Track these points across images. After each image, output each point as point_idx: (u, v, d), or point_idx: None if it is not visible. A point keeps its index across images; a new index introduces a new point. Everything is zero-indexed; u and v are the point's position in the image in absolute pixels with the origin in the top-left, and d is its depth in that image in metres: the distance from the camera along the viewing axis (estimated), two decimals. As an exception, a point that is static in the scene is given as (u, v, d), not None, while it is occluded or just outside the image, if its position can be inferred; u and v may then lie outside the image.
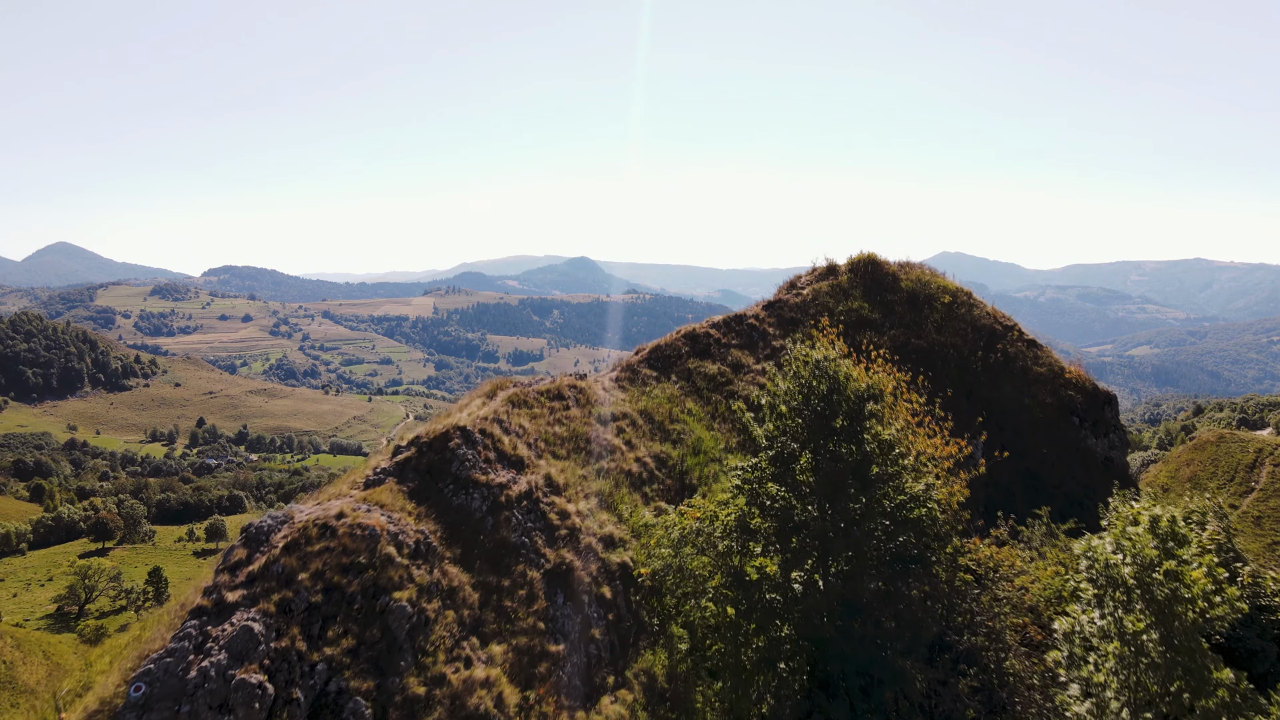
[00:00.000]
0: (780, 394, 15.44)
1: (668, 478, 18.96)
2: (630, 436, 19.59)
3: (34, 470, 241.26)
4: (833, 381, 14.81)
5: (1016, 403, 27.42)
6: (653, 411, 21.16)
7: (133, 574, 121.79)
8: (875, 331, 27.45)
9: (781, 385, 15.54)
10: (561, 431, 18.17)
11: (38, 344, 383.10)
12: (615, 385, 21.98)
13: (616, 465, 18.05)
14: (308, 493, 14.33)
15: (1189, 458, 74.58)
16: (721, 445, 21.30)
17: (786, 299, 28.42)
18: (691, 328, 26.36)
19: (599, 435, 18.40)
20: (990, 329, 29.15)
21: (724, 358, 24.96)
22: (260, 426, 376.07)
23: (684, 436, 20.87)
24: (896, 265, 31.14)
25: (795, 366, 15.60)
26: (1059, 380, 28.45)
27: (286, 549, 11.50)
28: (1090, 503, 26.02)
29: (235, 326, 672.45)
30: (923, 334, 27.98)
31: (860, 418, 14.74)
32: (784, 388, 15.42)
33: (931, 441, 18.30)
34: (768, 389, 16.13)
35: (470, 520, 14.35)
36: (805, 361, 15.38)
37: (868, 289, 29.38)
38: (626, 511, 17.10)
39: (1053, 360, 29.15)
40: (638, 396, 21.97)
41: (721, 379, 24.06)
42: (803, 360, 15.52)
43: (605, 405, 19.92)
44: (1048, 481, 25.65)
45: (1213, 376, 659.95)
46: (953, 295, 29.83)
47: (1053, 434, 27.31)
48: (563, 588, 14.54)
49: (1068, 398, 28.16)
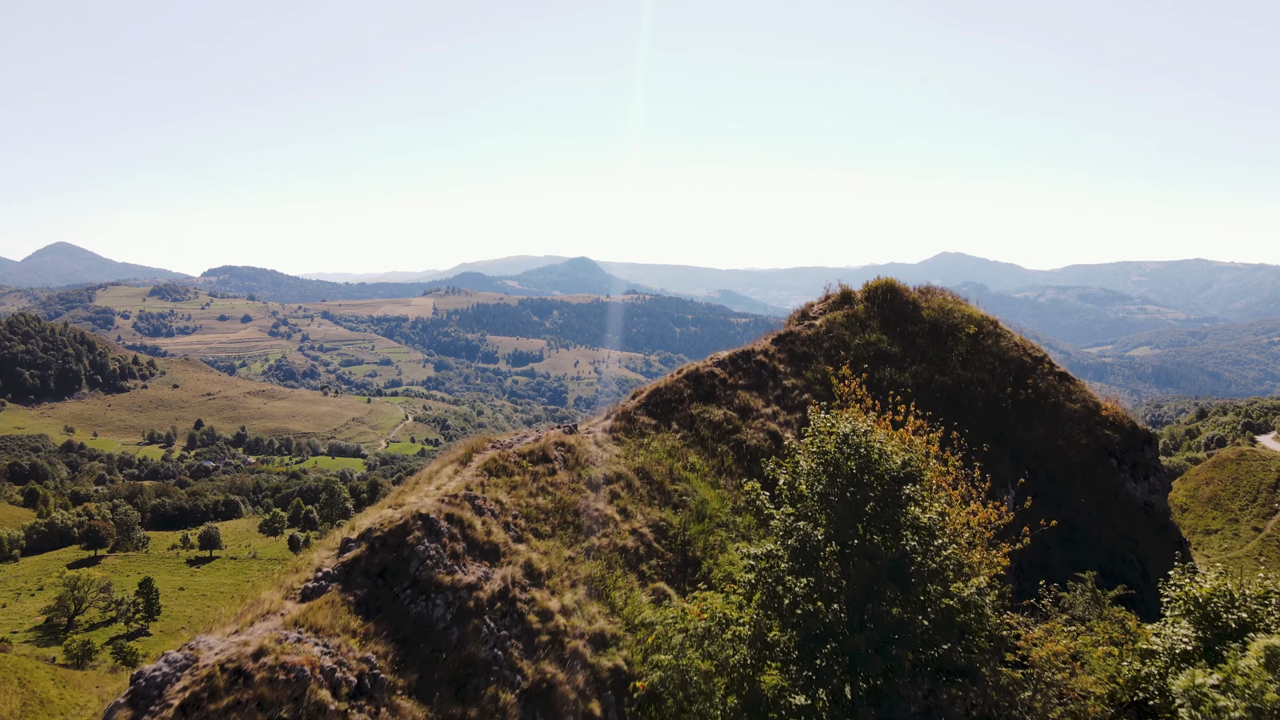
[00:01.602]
0: (802, 473, 13.11)
1: (668, 550, 16.56)
2: (626, 503, 17.32)
3: (30, 473, 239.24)
4: (864, 460, 12.50)
5: (1050, 445, 25.09)
6: (651, 470, 18.84)
7: (124, 583, 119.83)
8: (895, 367, 25.12)
9: (803, 464, 13.18)
10: (545, 503, 15.76)
11: (35, 345, 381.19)
12: (609, 437, 19.75)
13: (609, 541, 15.66)
14: (230, 606, 11.79)
15: (1208, 476, 72.43)
16: (729, 506, 19.03)
17: (798, 331, 25.94)
18: (694, 367, 23.85)
19: (589, 505, 16.04)
20: (1019, 362, 26.74)
21: (730, 401, 22.58)
22: (258, 428, 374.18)
23: (686, 498, 18.60)
24: (917, 292, 28.73)
25: (819, 441, 13.28)
26: (1094, 418, 26.09)
27: (183, 710, 8.98)
28: (1133, 556, 23.72)
29: (234, 327, 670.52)
30: (947, 369, 25.62)
31: (896, 503, 12.42)
32: (806, 467, 13.06)
33: (969, 507, 15.97)
34: (785, 464, 13.76)
35: (431, 634, 11.81)
36: (830, 434, 13.03)
37: (886, 319, 26.98)
38: (620, 599, 14.75)
39: (1086, 395, 26.84)
40: (634, 451, 19.67)
41: (728, 426, 21.74)
42: (826, 432, 13.20)
43: (597, 465, 17.55)
44: (1086, 533, 23.27)
45: (1213, 377, 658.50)
46: (978, 325, 27.35)
47: (1090, 479, 24.95)
48: (542, 710, 12.13)
49: (1104, 437, 25.77)
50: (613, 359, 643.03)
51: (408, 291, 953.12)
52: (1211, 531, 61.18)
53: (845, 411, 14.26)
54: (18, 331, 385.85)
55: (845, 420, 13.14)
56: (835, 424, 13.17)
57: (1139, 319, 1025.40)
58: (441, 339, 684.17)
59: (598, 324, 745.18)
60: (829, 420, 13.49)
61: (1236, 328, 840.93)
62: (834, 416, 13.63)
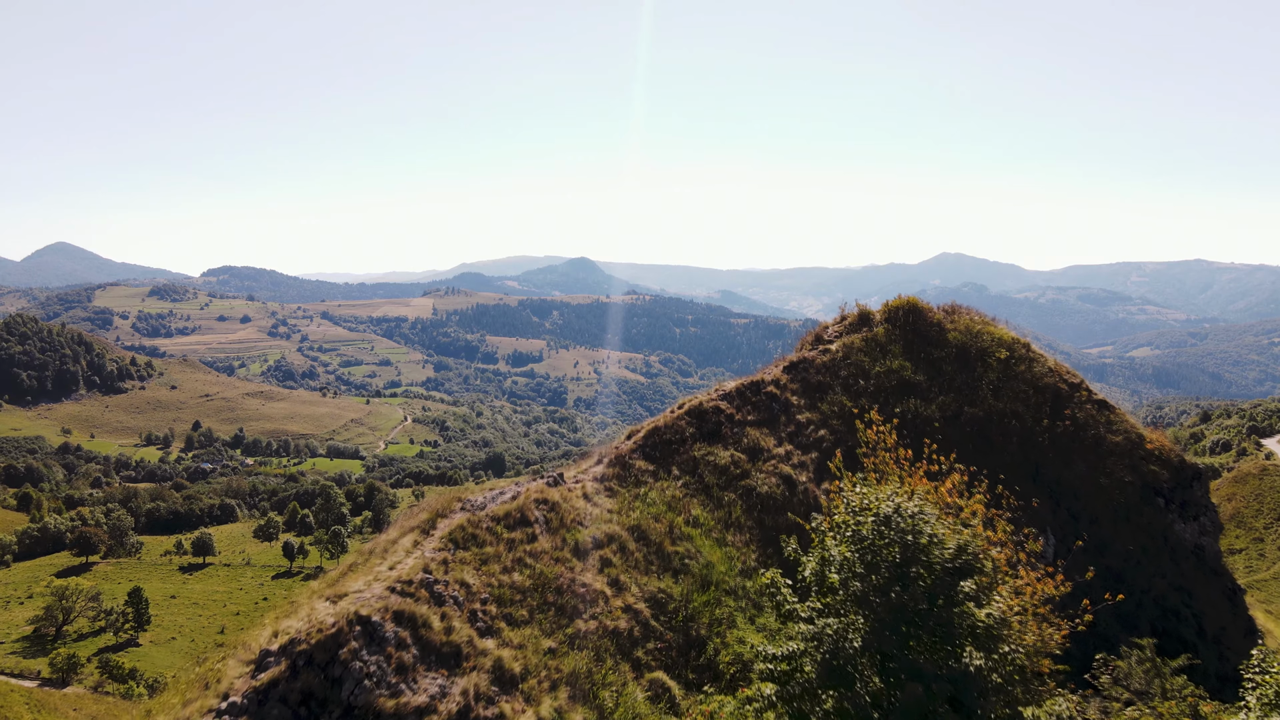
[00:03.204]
0: (832, 560, 10.66)
1: (667, 628, 14.08)
2: (618, 572, 14.89)
3: (25, 476, 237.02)
4: (911, 548, 10.10)
5: (1091, 484, 22.60)
6: (648, 528, 16.40)
7: (115, 591, 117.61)
8: (920, 399, 22.56)
9: (834, 551, 10.69)
10: (523, 579, 13.19)
11: (32, 346, 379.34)
12: (601, 488, 17.35)
13: (599, 623, 13.17)
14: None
15: (1229, 492, 70.04)
16: (737, 568, 16.61)
17: (811, 357, 23.26)
18: (698, 401, 21.17)
19: (575, 578, 13.56)
20: (1054, 389, 24.24)
21: (738, 440, 20.11)
22: (256, 429, 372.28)
23: (689, 561, 16.16)
24: (941, 311, 26.08)
25: (852, 521, 10.94)
26: (1138, 451, 23.59)
27: None
28: (1187, 610, 21.26)
29: (234, 328, 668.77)
30: (977, 399, 23.12)
31: (951, 602, 10.01)
32: (838, 555, 10.59)
33: (1019, 577, 13.53)
34: (812, 549, 11.26)
35: (366, 786, 9.42)
36: (866, 511, 10.56)
37: (909, 343, 24.38)
38: (611, 699, 12.26)
39: (1129, 426, 24.26)
40: (629, 504, 17.24)
41: (735, 470, 19.27)
42: (859, 508, 10.73)
43: (586, 524, 15.05)
44: (1134, 584, 20.74)
45: (1214, 378, 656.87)
46: (1009, 348, 24.82)
47: (1135, 521, 22.47)
48: None
49: (1150, 473, 23.29)
50: (612, 359, 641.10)
51: (407, 292, 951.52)
52: (1235, 551, 58.78)
53: (885, 484, 11.70)
54: (15, 332, 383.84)
55: (887, 497, 10.68)
56: (875, 500, 10.70)
57: (1139, 319, 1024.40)
58: (441, 339, 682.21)
59: (597, 324, 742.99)
60: (865, 493, 11.02)
61: (1237, 328, 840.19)
62: (872, 488, 11.12)
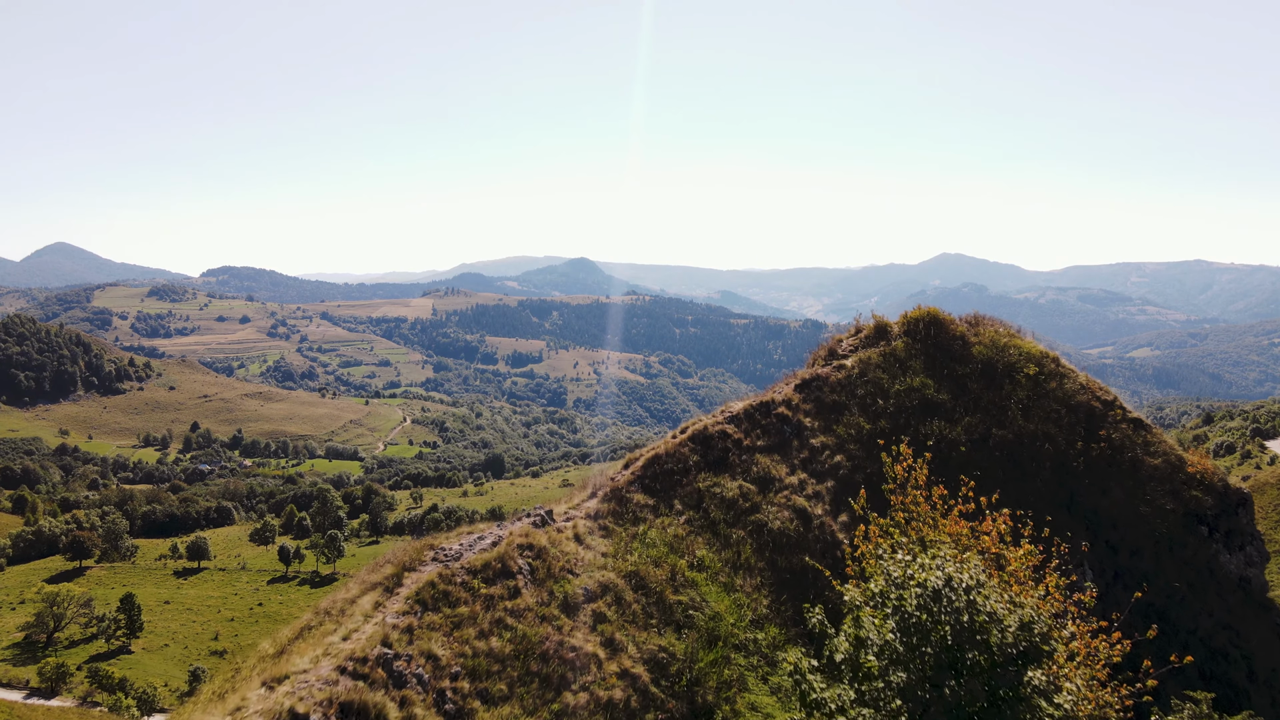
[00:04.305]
0: (869, 642, 8.82)
1: (670, 695, 12.17)
2: (613, 629, 13.05)
3: (21, 478, 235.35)
4: (965, 630, 8.29)
5: (1130, 512, 20.70)
6: (648, 575, 14.57)
7: (108, 596, 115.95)
8: (945, 420, 20.58)
9: (872, 631, 8.83)
10: (502, 646, 11.24)
11: (30, 347, 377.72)
12: (595, 527, 15.49)
13: (590, 695, 11.26)
14: None
15: (1246, 501, 67.89)
16: (748, 617, 14.84)
17: (825, 374, 21.28)
18: (702, 425, 19.22)
19: (563, 641, 11.70)
20: (1087, 407, 22.24)
21: (747, 469, 18.19)
22: (255, 431, 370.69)
23: (693, 612, 14.33)
24: (964, 323, 23.81)
25: (894, 594, 9.12)
26: (1178, 476, 21.64)
27: None
28: (1235, 651, 19.41)
29: (233, 328, 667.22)
30: (1006, 420, 21.11)
31: (1016, 695, 8.21)
32: (875, 637, 8.74)
33: (1071, 634, 11.75)
34: (844, 624, 9.36)
35: None
36: (910, 581, 8.70)
37: (930, 358, 22.33)
38: (604, 790, 10.59)
39: (1167, 448, 22.35)
40: (626, 545, 15.34)
41: (744, 503, 17.38)
42: (900, 579, 8.85)
43: (577, 572, 13.33)
44: (1179, 622, 18.87)
45: (1214, 379, 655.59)
46: (1038, 363, 22.84)
47: (1178, 553, 20.59)
48: None
49: (1192, 500, 21.35)
50: (612, 360, 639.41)
51: (407, 292, 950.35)
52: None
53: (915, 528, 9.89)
54: (13, 333, 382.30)
55: (935, 567, 8.83)
56: (921, 569, 8.80)
57: (1139, 320, 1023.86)
58: (440, 340, 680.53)
59: (597, 325, 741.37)
60: (908, 562, 9.12)
61: (1237, 329, 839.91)
62: (909, 542, 9.25)
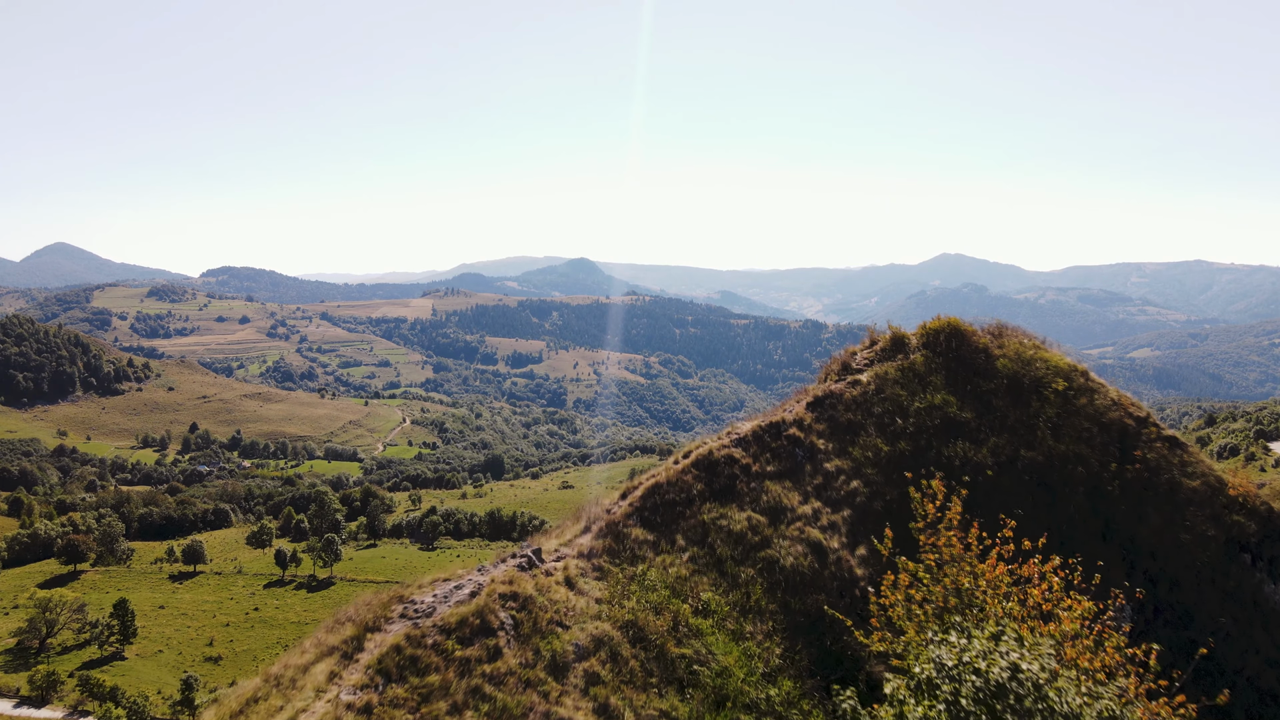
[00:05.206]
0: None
1: (672, 775, 11.20)
2: (608, 693, 11.82)
3: (19, 479, 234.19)
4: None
5: (1169, 540, 19.56)
6: (647, 624, 13.31)
7: (102, 600, 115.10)
8: (969, 440, 19.53)
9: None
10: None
11: (29, 347, 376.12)
12: (588, 568, 14.40)
13: (579, 782, 10.30)
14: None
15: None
16: (759, 670, 13.54)
17: (839, 390, 20.27)
18: (707, 449, 18.00)
19: (550, 712, 10.11)
20: (1120, 425, 21.10)
21: (755, 498, 16.96)
22: (254, 431, 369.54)
23: (699, 668, 13.02)
24: (987, 335, 22.54)
25: (946, 687, 8.10)
26: (1219, 499, 20.34)
27: None
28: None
29: (233, 328, 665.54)
30: (1035, 441, 20.03)
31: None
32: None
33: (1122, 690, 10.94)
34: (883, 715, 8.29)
35: None
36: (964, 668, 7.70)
37: (951, 372, 21.25)
38: None
39: (1206, 468, 21.08)
40: (624, 589, 14.13)
41: (754, 537, 16.08)
42: (955, 668, 8.05)
43: (567, 624, 12.57)
44: (1225, 662, 18.16)
45: (1214, 379, 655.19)
46: (1067, 378, 21.66)
47: (1220, 584, 19.41)
48: None
49: (1234, 525, 20.05)
50: (612, 360, 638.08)
51: (407, 292, 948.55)
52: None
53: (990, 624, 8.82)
54: (11, 333, 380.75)
55: (1000, 652, 7.75)
56: (978, 655, 7.76)
57: (1139, 320, 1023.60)
58: (440, 340, 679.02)
59: (597, 325, 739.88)
60: (963, 646, 8.19)
61: (1237, 329, 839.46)
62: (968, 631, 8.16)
